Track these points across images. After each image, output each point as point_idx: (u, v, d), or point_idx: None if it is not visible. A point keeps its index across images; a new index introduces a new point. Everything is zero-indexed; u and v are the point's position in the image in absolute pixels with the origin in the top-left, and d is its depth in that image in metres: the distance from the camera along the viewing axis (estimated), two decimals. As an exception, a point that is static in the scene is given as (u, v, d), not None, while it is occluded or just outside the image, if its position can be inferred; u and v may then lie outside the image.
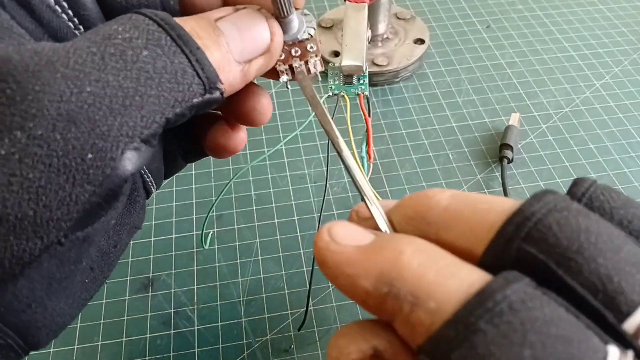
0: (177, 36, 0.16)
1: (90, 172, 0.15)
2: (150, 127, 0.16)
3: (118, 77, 0.15)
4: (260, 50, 0.18)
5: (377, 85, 0.45)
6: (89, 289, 0.19)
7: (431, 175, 0.38)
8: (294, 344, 0.30)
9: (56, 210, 0.14)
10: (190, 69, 0.16)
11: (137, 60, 0.16)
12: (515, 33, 0.50)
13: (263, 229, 0.35)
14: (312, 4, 0.53)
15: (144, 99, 0.15)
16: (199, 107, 0.17)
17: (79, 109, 0.14)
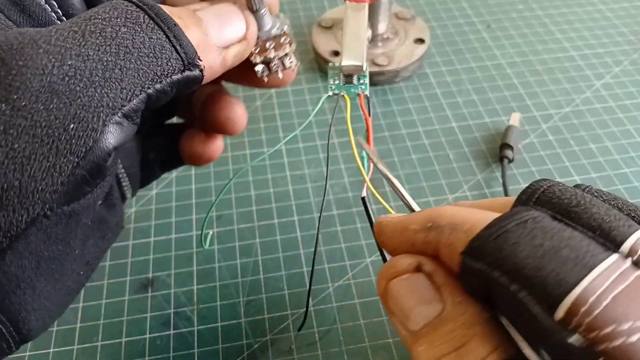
0: (154, 14, 0.17)
1: (72, 142, 0.15)
2: (131, 100, 0.16)
3: (98, 52, 0.16)
4: (237, 37, 0.20)
5: (378, 85, 0.45)
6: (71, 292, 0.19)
7: (431, 175, 0.38)
8: (294, 344, 0.30)
9: (41, 181, 0.15)
10: (168, 44, 0.17)
11: (116, 36, 0.16)
12: (515, 33, 0.50)
13: (263, 229, 0.35)
14: (312, 4, 0.53)
15: (123, 71, 0.16)
16: (180, 85, 0.18)
17: (61, 81, 0.15)
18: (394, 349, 0.29)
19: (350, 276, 0.32)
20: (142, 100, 0.17)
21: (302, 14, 0.52)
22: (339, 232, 0.35)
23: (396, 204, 0.36)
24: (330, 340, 0.30)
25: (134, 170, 0.23)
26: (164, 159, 0.25)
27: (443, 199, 0.36)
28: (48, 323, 0.19)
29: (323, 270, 0.33)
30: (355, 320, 0.30)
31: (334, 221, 0.35)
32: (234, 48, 0.19)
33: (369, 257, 0.33)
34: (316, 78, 0.46)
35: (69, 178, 0.15)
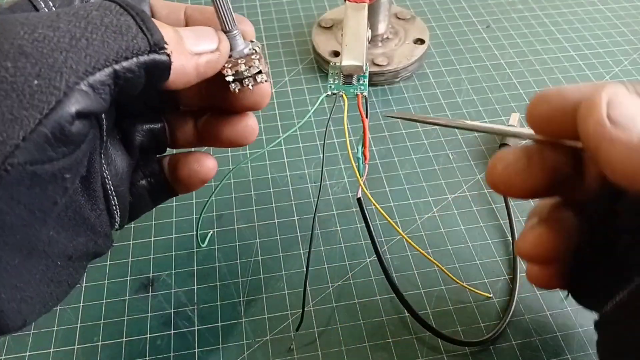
0: (126, 5, 0.19)
1: (35, 97, 0.16)
2: (96, 68, 0.17)
3: (68, 25, 0.17)
4: (209, 48, 0.21)
5: (377, 85, 0.45)
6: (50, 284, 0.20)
7: (431, 175, 0.38)
8: (294, 344, 0.30)
9: (2, 132, 0.16)
10: (135, 25, 0.18)
11: (87, 16, 0.18)
12: (515, 33, 0.50)
13: (263, 229, 0.35)
14: (312, 4, 0.53)
15: (89, 41, 0.17)
16: (148, 69, 0.19)
17: (30, 44, 0.17)
18: (393, 348, 0.29)
19: (349, 276, 0.32)
20: (109, 75, 0.18)
21: (302, 14, 0.52)
22: (339, 232, 0.35)
23: (396, 203, 0.36)
24: (330, 340, 0.30)
25: (121, 189, 0.23)
26: (154, 188, 0.26)
27: (443, 199, 0.36)
28: (26, 310, 0.19)
29: (323, 270, 0.33)
30: (355, 320, 0.30)
31: (334, 221, 0.35)
32: (206, 56, 0.21)
33: (369, 257, 0.33)
34: (316, 78, 0.46)
35: (31, 135, 0.16)
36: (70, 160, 0.18)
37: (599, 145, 0.16)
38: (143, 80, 0.19)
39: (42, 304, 0.19)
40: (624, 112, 0.16)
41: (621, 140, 0.16)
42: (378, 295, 0.32)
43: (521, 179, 0.20)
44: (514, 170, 0.20)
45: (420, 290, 0.32)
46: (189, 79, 0.21)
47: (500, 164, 0.20)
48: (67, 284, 0.21)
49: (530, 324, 0.30)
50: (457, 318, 0.30)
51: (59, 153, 0.17)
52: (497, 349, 0.29)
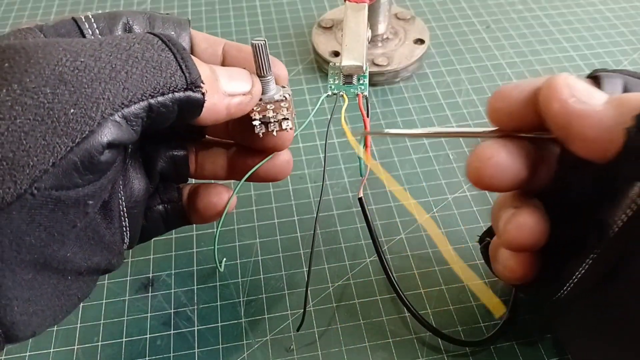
0: (168, 40, 0.19)
1: (70, 125, 0.16)
2: (132, 102, 0.17)
3: (109, 56, 0.18)
4: (242, 90, 0.22)
5: (377, 85, 0.45)
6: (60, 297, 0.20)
7: (431, 175, 0.38)
8: (294, 344, 0.30)
9: (33, 157, 0.16)
10: (175, 62, 0.19)
11: (129, 49, 0.18)
12: (515, 33, 0.50)
13: (263, 229, 0.35)
14: (312, 4, 0.53)
15: (128, 74, 0.18)
16: (182, 104, 0.19)
17: (71, 72, 0.17)
18: (393, 348, 0.29)
19: (349, 276, 0.32)
20: (143, 108, 0.18)
21: (302, 14, 0.52)
22: (339, 232, 0.35)
23: (396, 204, 0.36)
24: (330, 340, 0.30)
25: (135, 211, 0.23)
26: (170, 215, 0.26)
27: (443, 199, 0.36)
28: (35, 323, 0.19)
29: (323, 270, 0.33)
30: (355, 320, 0.30)
31: (334, 221, 0.35)
32: (238, 97, 0.22)
33: (369, 257, 0.33)
34: (316, 78, 0.46)
35: (60, 161, 0.16)
36: (95, 187, 0.18)
37: (570, 122, 0.18)
38: (175, 115, 0.19)
39: (52, 317, 0.20)
40: (582, 90, 0.18)
41: (589, 110, 0.18)
42: (378, 295, 0.31)
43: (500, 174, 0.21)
44: (495, 163, 0.21)
45: (420, 290, 0.32)
46: (218, 117, 0.21)
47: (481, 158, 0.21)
48: (77, 298, 0.21)
49: (531, 323, 0.30)
50: (457, 318, 0.30)
51: (85, 180, 0.17)
52: (498, 349, 0.29)
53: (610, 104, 0.18)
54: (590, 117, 0.18)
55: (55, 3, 0.55)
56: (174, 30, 0.23)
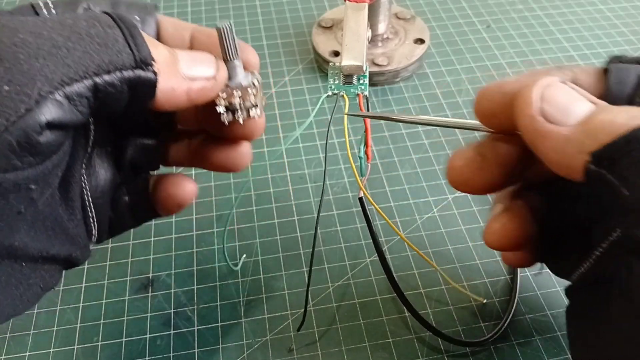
0: (118, 17, 0.18)
1: (4, 103, 0.15)
2: (74, 79, 0.17)
3: (51, 33, 0.17)
4: (205, 74, 0.21)
5: (377, 85, 0.45)
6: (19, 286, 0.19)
7: (431, 175, 0.38)
8: (294, 345, 0.30)
9: None
10: (122, 39, 0.18)
11: (74, 25, 0.17)
12: (515, 33, 0.50)
13: (263, 229, 0.35)
14: (312, 4, 0.53)
15: (70, 51, 0.17)
16: (132, 85, 0.18)
17: (7, 49, 0.16)
18: (393, 348, 0.29)
19: (350, 276, 0.32)
20: (88, 87, 0.17)
21: (302, 14, 0.52)
22: (339, 232, 0.35)
23: (396, 204, 0.36)
24: (330, 340, 0.30)
25: (100, 202, 0.23)
26: (136, 206, 0.25)
27: (443, 199, 0.36)
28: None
29: (323, 270, 0.33)
30: (354, 320, 0.30)
31: (334, 221, 0.35)
32: (200, 82, 0.20)
33: (369, 257, 0.33)
34: (316, 78, 0.46)
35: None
36: (37, 170, 0.17)
37: (534, 141, 0.17)
38: (127, 97, 0.18)
39: (11, 307, 0.19)
40: (556, 105, 0.17)
41: (552, 134, 0.17)
42: (378, 295, 0.31)
43: (478, 177, 0.20)
44: (469, 170, 0.20)
45: (420, 290, 0.32)
46: (178, 102, 0.20)
47: (456, 163, 0.21)
48: (39, 287, 0.20)
49: (531, 323, 0.30)
50: (457, 318, 0.30)
51: (25, 162, 0.16)
52: (498, 349, 0.29)
53: (581, 126, 0.16)
54: (553, 140, 0.17)
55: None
56: (139, 15, 0.22)
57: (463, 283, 0.32)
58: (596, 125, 0.16)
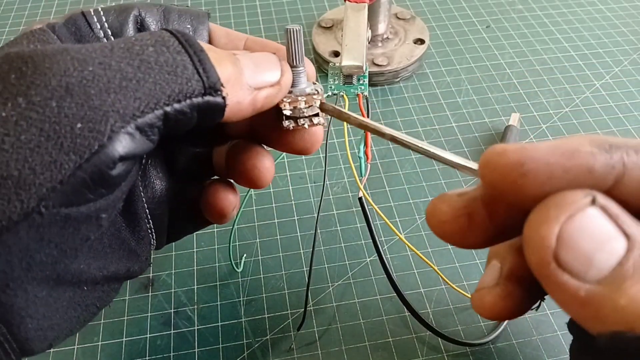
0: (184, 40, 0.18)
1: (77, 141, 0.15)
2: (145, 112, 0.16)
3: (120, 63, 0.16)
4: (270, 80, 0.20)
5: (377, 85, 0.45)
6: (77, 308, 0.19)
7: (431, 175, 0.38)
8: (294, 344, 0.30)
9: (40, 175, 0.15)
10: (191, 65, 0.17)
11: (142, 53, 0.17)
12: (515, 33, 0.50)
13: (263, 229, 0.35)
14: (312, 4, 0.53)
15: (140, 83, 0.16)
16: (201, 110, 0.18)
17: (78, 83, 0.16)
18: (393, 348, 0.29)
19: (349, 276, 0.32)
20: (158, 117, 0.17)
21: (302, 14, 0.52)
22: (339, 232, 0.35)
23: (396, 203, 0.36)
24: (330, 339, 0.30)
25: (158, 212, 0.22)
26: (193, 213, 0.25)
27: (443, 199, 0.36)
28: (51, 336, 0.18)
29: (323, 269, 0.33)
30: (354, 320, 0.30)
31: (334, 221, 0.35)
32: (265, 90, 0.20)
33: (369, 256, 0.33)
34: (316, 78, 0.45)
35: (69, 178, 0.15)
36: (108, 200, 0.17)
37: (544, 284, 0.14)
38: (195, 121, 0.18)
39: (68, 328, 0.19)
40: (576, 252, 0.13)
41: (566, 289, 0.13)
42: (378, 295, 0.31)
43: (465, 237, 0.17)
44: (450, 228, 0.17)
45: (420, 290, 0.32)
46: (244, 114, 0.19)
47: (439, 217, 0.17)
48: (95, 307, 0.20)
49: (531, 323, 0.30)
50: (457, 317, 0.30)
51: (97, 195, 0.16)
52: (498, 349, 0.29)
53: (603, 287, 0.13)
54: (566, 295, 0.13)
55: (54, 2, 0.55)
56: (191, 24, 0.22)
57: (463, 283, 0.32)
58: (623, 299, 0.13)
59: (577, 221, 0.13)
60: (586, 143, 0.14)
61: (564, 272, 0.13)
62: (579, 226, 0.13)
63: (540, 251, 0.13)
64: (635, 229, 0.13)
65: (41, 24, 0.19)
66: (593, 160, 0.14)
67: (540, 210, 0.14)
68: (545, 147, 0.14)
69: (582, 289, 0.13)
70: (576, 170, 0.14)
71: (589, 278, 0.13)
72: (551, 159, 0.14)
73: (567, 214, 0.13)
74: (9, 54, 0.16)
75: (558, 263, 0.13)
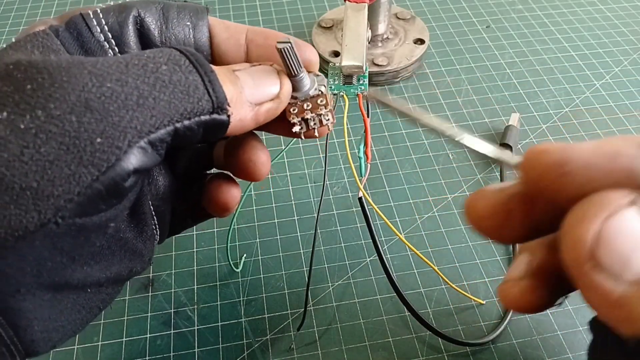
0: (195, 60, 0.18)
1: (96, 155, 0.16)
2: (158, 128, 0.17)
3: (136, 80, 0.17)
4: (270, 95, 0.20)
5: (377, 85, 0.45)
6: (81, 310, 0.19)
7: (431, 175, 0.38)
8: (294, 344, 0.30)
9: (58, 186, 0.15)
10: (202, 86, 0.18)
11: (156, 71, 0.18)
12: (515, 33, 0.50)
13: (263, 229, 0.35)
14: (312, 4, 0.53)
15: (156, 101, 0.17)
16: (207, 127, 0.19)
17: (97, 99, 0.16)
18: (393, 347, 0.29)
19: (349, 276, 0.32)
20: (169, 133, 0.17)
21: (302, 14, 0.52)
22: (339, 232, 0.35)
23: (395, 203, 0.36)
24: (330, 339, 0.30)
25: (162, 209, 0.23)
26: (194, 208, 0.25)
27: (443, 199, 0.36)
28: (56, 338, 0.18)
29: (323, 269, 0.33)
30: (354, 320, 0.30)
31: (334, 221, 0.35)
32: (266, 105, 0.20)
33: (369, 256, 0.33)
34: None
35: (86, 190, 0.16)
36: (117, 210, 0.18)
37: (577, 283, 0.14)
38: (200, 137, 0.19)
39: (72, 330, 0.19)
40: (613, 252, 0.13)
41: (601, 289, 0.13)
42: (378, 295, 0.31)
43: (504, 232, 0.17)
44: (489, 224, 0.17)
45: (420, 290, 0.32)
46: (246, 128, 0.20)
47: (475, 212, 0.17)
48: (98, 308, 0.20)
49: (531, 323, 0.30)
50: (457, 317, 0.30)
51: (109, 205, 0.17)
52: (498, 348, 0.29)
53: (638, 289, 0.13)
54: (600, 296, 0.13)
55: (54, 2, 0.55)
56: (190, 20, 0.22)
57: (463, 283, 0.32)
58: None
59: (616, 221, 0.13)
60: (630, 145, 0.14)
61: (600, 272, 0.13)
62: (617, 226, 0.13)
63: (577, 249, 0.13)
64: None
65: (43, 25, 0.20)
66: (635, 163, 0.13)
67: (579, 208, 0.14)
68: (588, 148, 0.14)
69: (616, 290, 0.13)
70: (617, 173, 0.14)
71: (624, 279, 0.13)
72: (592, 160, 0.14)
73: (607, 213, 0.13)
74: (20, 62, 0.17)
75: (594, 262, 0.13)
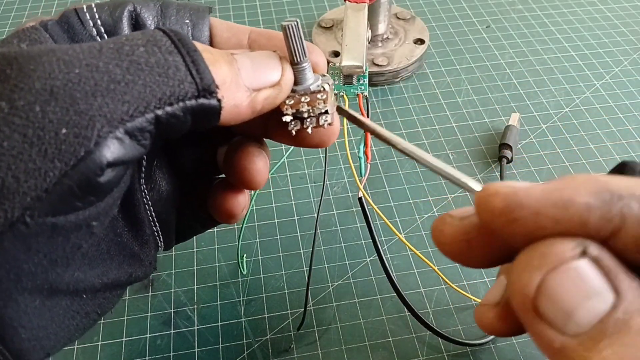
0: (177, 40, 0.17)
1: (62, 147, 0.14)
2: (134, 116, 0.15)
3: (108, 65, 0.16)
4: (269, 81, 0.19)
5: (377, 85, 0.45)
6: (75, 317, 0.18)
7: (431, 175, 0.38)
8: (294, 344, 0.30)
9: (23, 183, 0.14)
10: (184, 66, 0.16)
11: (132, 54, 0.16)
12: (515, 33, 0.50)
13: (263, 229, 0.35)
14: (312, 4, 0.53)
15: (129, 86, 0.15)
16: (195, 114, 0.17)
17: (63, 86, 0.15)
18: (393, 347, 0.29)
19: (349, 276, 0.32)
20: (149, 121, 0.16)
21: (302, 14, 0.52)
22: (339, 232, 0.35)
23: (395, 203, 0.36)
24: (330, 339, 0.30)
25: (164, 214, 0.22)
26: (201, 214, 0.24)
27: (443, 199, 0.36)
28: (48, 345, 0.18)
29: (323, 269, 0.33)
30: (354, 320, 0.30)
31: (334, 221, 0.35)
32: (264, 91, 0.18)
33: (369, 256, 0.33)
34: (316, 78, 0.46)
35: (54, 187, 0.14)
36: (99, 208, 0.16)
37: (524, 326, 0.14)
38: (189, 125, 0.17)
39: (67, 337, 0.18)
40: (555, 304, 0.13)
41: (544, 337, 0.13)
42: (378, 295, 0.32)
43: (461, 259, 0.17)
44: (451, 250, 0.17)
45: (420, 290, 0.32)
46: (242, 117, 0.18)
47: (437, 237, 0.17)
48: (96, 314, 0.19)
49: (531, 323, 0.30)
50: (457, 317, 0.30)
51: (86, 203, 0.15)
52: (498, 348, 0.29)
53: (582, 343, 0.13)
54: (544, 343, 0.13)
55: (54, 2, 0.55)
56: (190, 19, 0.21)
57: (463, 283, 0.32)
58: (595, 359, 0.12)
59: (561, 273, 0.13)
60: (584, 191, 0.13)
61: (541, 322, 0.13)
62: (562, 278, 0.13)
63: (521, 297, 0.13)
64: (626, 284, 0.13)
65: (34, 21, 0.19)
66: (588, 213, 0.13)
67: (524, 256, 0.13)
68: (537, 195, 0.13)
69: (557, 341, 0.13)
70: (568, 223, 0.13)
71: (566, 331, 0.13)
72: (542, 210, 0.13)
73: (550, 266, 0.13)
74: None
75: (536, 312, 0.13)
